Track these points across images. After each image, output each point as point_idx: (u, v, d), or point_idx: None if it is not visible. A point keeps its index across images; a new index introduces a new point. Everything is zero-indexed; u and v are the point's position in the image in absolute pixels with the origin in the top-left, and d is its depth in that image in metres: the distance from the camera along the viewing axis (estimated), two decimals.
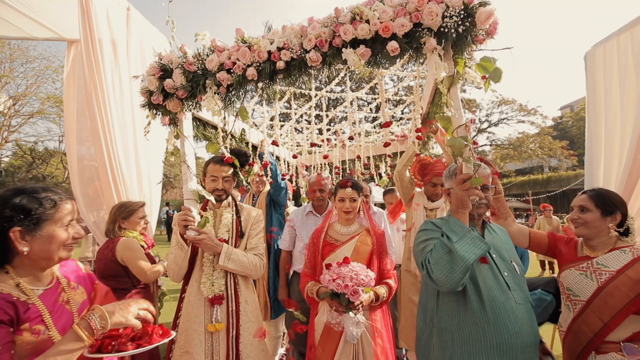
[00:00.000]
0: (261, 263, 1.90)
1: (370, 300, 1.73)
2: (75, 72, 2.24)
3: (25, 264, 1.03)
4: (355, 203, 2.02)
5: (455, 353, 1.34)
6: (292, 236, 2.78)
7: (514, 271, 1.41)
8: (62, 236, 1.06)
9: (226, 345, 1.72)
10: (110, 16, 2.17)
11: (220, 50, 1.69)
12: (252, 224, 1.99)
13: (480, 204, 1.49)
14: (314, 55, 1.52)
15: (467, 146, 1.41)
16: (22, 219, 0.98)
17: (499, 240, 1.51)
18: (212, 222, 1.92)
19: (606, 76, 2.77)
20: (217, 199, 1.93)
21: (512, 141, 20.20)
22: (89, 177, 2.37)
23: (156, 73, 1.77)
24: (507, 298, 1.32)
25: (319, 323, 1.86)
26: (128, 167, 2.45)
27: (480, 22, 1.40)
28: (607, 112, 2.75)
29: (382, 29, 1.43)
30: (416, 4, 1.40)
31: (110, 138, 2.28)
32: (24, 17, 1.76)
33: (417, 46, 1.46)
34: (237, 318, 1.79)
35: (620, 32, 2.66)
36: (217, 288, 1.77)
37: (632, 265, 1.44)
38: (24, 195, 1.02)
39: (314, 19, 1.58)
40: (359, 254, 1.92)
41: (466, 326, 1.34)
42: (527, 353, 1.29)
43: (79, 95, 2.26)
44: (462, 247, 1.24)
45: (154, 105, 1.85)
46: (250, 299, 1.88)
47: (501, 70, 1.52)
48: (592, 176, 2.88)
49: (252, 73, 1.61)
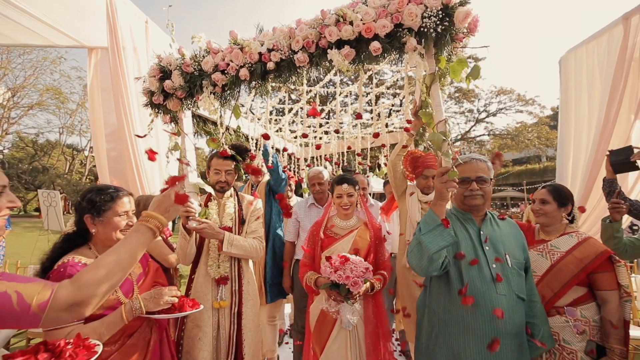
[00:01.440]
0: (261, 245, 2.02)
1: (366, 290, 1.80)
2: (98, 77, 2.39)
3: (98, 242, 1.37)
4: (352, 198, 2.05)
5: (440, 333, 1.44)
6: (296, 227, 2.86)
7: (505, 264, 1.42)
8: (118, 222, 1.35)
9: (229, 320, 1.90)
10: (132, 28, 2.33)
11: (215, 52, 1.74)
12: (251, 211, 2.11)
13: (475, 195, 1.50)
14: (302, 56, 1.56)
15: (445, 141, 1.45)
16: (91, 209, 1.31)
17: (499, 233, 1.51)
18: (217, 211, 2.04)
19: (576, 80, 2.99)
20: (220, 190, 2.05)
21: (510, 131, 19.94)
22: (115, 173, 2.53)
23: (156, 74, 1.83)
24: (488, 288, 1.36)
25: (315, 309, 1.94)
26: (150, 163, 2.57)
27: (459, 22, 1.42)
28: (576, 114, 2.98)
29: (365, 30, 1.46)
30: (396, 5, 1.43)
31: (133, 137, 2.43)
32: (48, 27, 1.89)
33: (398, 46, 1.49)
34: (240, 296, 1.95)
35: (589, 40, 2.86)
36: (223, 270, 1.93)
37: (578, 247, 1.74)
38: (94, 192, 1.35)
39: (301, 21, 1.61)
40: (357, 247, 1.98)
41: (449, 310, 1.42)
42: (504, 340, 1.32)
43: (103, 97, 2.41)
44: (427, 239, 1.32)
45: (155, 105, 1.91)
46: (251, 279, 2.05)
47: (479, 67, 1.55)
48: (562, 169, 3.11)
49: (245, 74, 1.66)
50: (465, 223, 1.53)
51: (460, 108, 20.20)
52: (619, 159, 2.05)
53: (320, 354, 1.85)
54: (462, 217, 1.55)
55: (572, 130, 3.02)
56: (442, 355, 1.41)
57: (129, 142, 2.40)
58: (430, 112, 1.56)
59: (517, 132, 19.87)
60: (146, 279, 1.49)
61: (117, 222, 1.35)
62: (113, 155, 2.50)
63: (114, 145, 2.48)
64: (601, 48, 2.72)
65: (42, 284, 0.83)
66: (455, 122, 19.38)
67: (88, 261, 1.27)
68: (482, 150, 21.18)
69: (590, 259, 1.68)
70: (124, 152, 2.44)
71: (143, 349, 1.33)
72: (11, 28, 1.73)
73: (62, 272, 1.20)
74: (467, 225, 1.52)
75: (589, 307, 1.69)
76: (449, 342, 1.40)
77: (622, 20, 2.54)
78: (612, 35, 2.64)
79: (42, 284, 0.84)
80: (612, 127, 2.52)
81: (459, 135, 20.00)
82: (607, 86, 2.55)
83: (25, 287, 0.80)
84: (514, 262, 1.45)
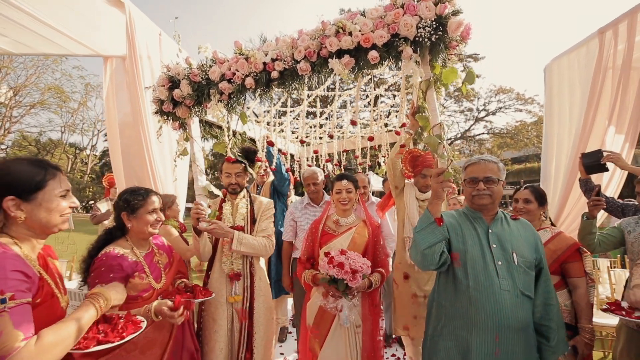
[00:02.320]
0: (270, 243, 2.09)
1: (364, 286, 1.81)
2: (114, 85, 2.51)
3: (133, 235, 1.58)
4: (351, 194, 2.06)
5: (445, 325, 1.50)
6: (293, 227, 2.90)
7: (512, 261, 1.43)
8: (148, 218, 1.56)
9: (242, 314, 2.00)
10: (147, 39, 2.48)
11: (221, 61, 1.81)
12: (262, 211, 2.19)
13: (482, 195, 1.51)
14: (304, 65, 1.63)
15: (440, 143, 1.51)
16: (126, 207, 1.54)
17: (508, 233, 1.51)
18: (231, 211, 2.13)
19: (559, 88, 3.17)
20: (232, 191, 2.15)
21: (509, 130, 19.89)
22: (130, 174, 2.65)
23: (165, 84, 1.90)
24: (492, 284, 1.40)
25: (312, 306, 1.96)
26: (163, 166, 2.71)
27: (452, 31, 1.49)
28: (559, 119, 3.18)
29: (363, 40, 1.53)
30: (393, 16, 1.50)
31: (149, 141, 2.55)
32: (66, 37, 1.98)
33: (395, 54, 1.56)
34: (252, 292, 2.05)
35: (571, 50, 3.06)
36: (236, 267, 2.03)
37: (552, 240, 1.94)
38: (129, 193, 1.59)
39: (303, 31, 1.68)
40: (355, 244, 1.98)
41: (454, 303, 1.48)
42: (505, 333, 1.36)
43: (118, 104, 2.55)
44: (420, 236, 1.40)
45: (165, 112, 1.98)
46: (262, 276, 2.14)
47: (473, 73, 1.61)
48: (546, 170, 3.32)
49: (250, 82, 1.73)
50: (474, 222, 1.55)
51: (460, 107, 20.17)
52: (590, 161, 2.22)
53: (320, 350, 1.86)
54: (472, 215, 1.57)
55: (555, 133, 3.22)
56: (444, 346, 1.47)
57: (145, 146, 2.51)
58: (426, 117, 1.63)
59: (516, 131, 19.80)
60: (172, 268, 1.70)
61: (148, 218, 1.57)
62: (128, 159, 2.60)
63: (129, 148, 2.58)
64: (580, 58, 2.93)
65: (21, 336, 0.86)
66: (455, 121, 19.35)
67: (125, 252, 1.49)
68: (481, 149, 21.14)
69: (562, 250, 1.90)
70: (139, 155, 2.56)
71: (170, 325, 1.55)
72: (32, 38, 1.82)
73: (104, 261, 1.42)
74: (475, 223, 1.54)
75: (561, 293, 1.89)
76: (454, 334, 1.46)
77: (597, 33, 2.71)
78: (589, 47, 2.84)
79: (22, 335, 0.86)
80: (590, 131, 2.72)
81: (459, 133, 19.98)
82: (586, 94, 2.76)
83: (11, 331, 0.85)
84: (521, 260, 1.44)
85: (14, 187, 0.99)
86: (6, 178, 0.99)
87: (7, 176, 1.00)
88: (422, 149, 2.57)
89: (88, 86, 20.73)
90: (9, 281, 0.88)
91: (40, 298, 0.99)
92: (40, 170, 1.04)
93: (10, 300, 0.86)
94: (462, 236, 1.50)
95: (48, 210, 1.03)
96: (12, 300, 0.87)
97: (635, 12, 2.44)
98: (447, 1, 1.48)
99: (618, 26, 2.55)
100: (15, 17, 1.68)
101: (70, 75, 19.20)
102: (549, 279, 1.52)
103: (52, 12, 1.84)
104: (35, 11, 1.75)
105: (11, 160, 1.05)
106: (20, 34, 1.75)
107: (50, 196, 1.04)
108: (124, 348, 1.33)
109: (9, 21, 1.67)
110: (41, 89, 18.48)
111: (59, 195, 1.06)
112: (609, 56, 2.62)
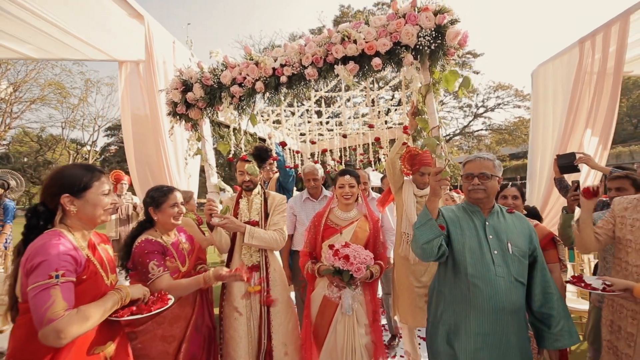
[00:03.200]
0: (281, 236, 2.17)
1: (366, 277, 1.88)
2: (128, 88, 2.64)
3: (160, 226, 1.81)
4: (353, 189, 2.11)
5: (446, 310, 1.62)
6: (292, 221, 2.99)
7: (507, 251, 1.52)
8: (171, 211, 1.79)
9: (260, 303, 2.10)
10: (163, 47, 2.61)
11: (232, 66, 1.90)
12: (275, 206, 2.27)
13: (477, 190, 1.60)
14: (311, 70, 1.72)
15: (439, 145, 1.61)
16: (152, 203, 1.78)
17: (504, 225, 1.60)
18: (247, 206, 2.23)
19: (544, 93, 3.38)
20: (246, 188, 2.23)
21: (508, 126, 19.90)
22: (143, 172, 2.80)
23: (179, 87, 1.99)
24: (488, 271, 1.51)
25: (317, 296, 2.04)
26: (177, 162, 2.83)
27: (450, 40, 1.58)
28: (544, 121, 3.40)
29: (367, 47, 1.62)
30: (395, 26, 1.59)
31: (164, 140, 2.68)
32: (83, 43, 2.09)
33: (397, 61, 1.65)
34: (268, 282, 2.13)
35: (554, 57, 3.26)
36: (255, 259, 2.12)
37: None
38: (154, 190, 1.83)
39: (310, 39, 1.77)
40: (357, 238, 2.04)
41: (454, 289, 1.60)
42: (500, 315, 1.48)
43: (132, 106, 2.68)
44: (419, 232, 1.52)
45: (178, 114, 2.08)
46: (277, 267, 2.22)
47: (469, 79, 1.70)
48: (532, 168, 3.55)
49: (260, 86, 1.83)
50: (472, 215, 1.65)
51: (459, 103, 20.19)
52: (564, 162, 2.40)
53: (324, 338, 1.95)
54: (470, 209, 1.67)
55: (540, 135, 3.44)
56: (444, 330, 1.60)
57: (160, 145, 2.65)
58: (426, 119, 1.72)
59: (515, 127, 19.82)
60: (194, 254, 1.93)
61: (170, 211, 1.79)
62: (141, 156, 2.72)
63: (142, 145, 2.71)
64: (563, 66, 3.16)
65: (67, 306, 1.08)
66: (454, 117, 19.36)
67: (157, 238, 1.77)
68: (479, 145, 21.17)
69: (539, 239, 2.04)
70: (154, 152, 2.70)
71: (192, 303, 1.82)
72: (54, 45, 1.93)
73: (143, 246, 1.70)
74: (474, 216, 1.64)
75: None
76: (453, 318, 1.58)
77: (578, 43, 2.92)
78: (571, 55, 3.05)
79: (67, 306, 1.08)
80: (570, 134, 2.96)
81: (457, 129, 19.99)
82: (567, 99, 2.97)
83: (60, 301, 1.06)
84: (516, 250, 1.53)
85: (69, 187, 1.22)
86: (62, 180, 1.23)
87: (62, 178, 1.24)
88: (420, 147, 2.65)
89: (88, 82, 20.59)
90: (61, 262, 1.09)
91: (86, 275, 1.19)
92: (87, 173, 1.27)
93: (61, 277, 1.08)
94: (460, 228, 1.60)
95: (94, 206, 1.26)
96: (63, 277, 1.08)
97: (609, 25, 2.63)
98: (445, 12, 1.57)
99: (595, 37, 2.74)
100: (42, 26, 1.77)
101: (70, 71, 18.99)
102: (545, 267, 1.60)
103: (76, 22, 1.95)
104: (60, 21, 1.85)
105: (66, 166, 1.31)
106: (43, 42, 1.84)
107: (95, 194, 1.27)
108: (156, 320, 1.65)
109: (36, 30, 1.76)
110: (41, 84, 18.30)
111: (102, 194, 1.28)
112: (587, 65, 2.84)
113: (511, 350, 1.47)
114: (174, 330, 1.71)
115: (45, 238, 1.13)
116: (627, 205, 1.73)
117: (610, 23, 2.61)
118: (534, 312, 1.57)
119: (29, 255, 1.09)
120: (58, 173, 1.25)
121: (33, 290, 1.04)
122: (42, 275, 1.04)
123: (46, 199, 1.23)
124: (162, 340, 1.67)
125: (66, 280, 1.09)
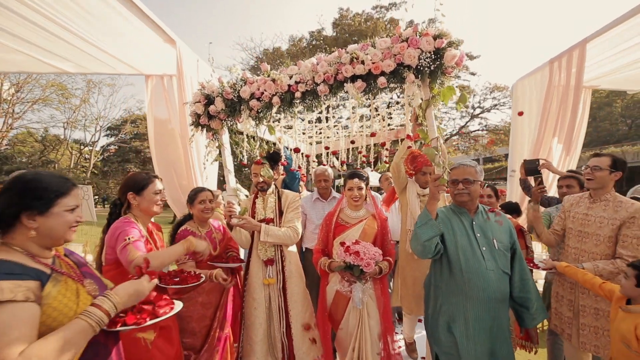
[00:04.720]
0: (294, 233, 2.30)
1: (376, 272, 1.96)
2: (153, 100, 2.88)
3: (196, 219, 2.21)
4: (362, 191, 2.19)
5: (443, 302, 1.79)
6: (302, 220, 3.00)
7: (493, 247, 1.70)
8: (200, 207, 2.16)
9: (277, 294, 2.27)
10: (189, 65, 2.88)
11: (251, 82, 2.08)
12: (289, 204, 2.40)
13: (462, 193, 1.77)
14: (323, 87, 1.90)
15: (437, 154, 1.80)
16: (188, 200, 2.23)
17: (489, 225, 1.76)
18: (263, 205, 2.39)
19: (523, 104, 3.77)
20: (261, 189, 2.39)
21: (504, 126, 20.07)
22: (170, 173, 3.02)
23: (202, 100, 2.17)
24: (480, 265, 1.69)
25: (331, 290, 2.15)
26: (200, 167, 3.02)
27: (448, 61, 1.76)
28: (521, 130, 3.84)
29: (374, 68, 1.80)
30: (399, 49, 1.77)
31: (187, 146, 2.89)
32: (113, 58, 2.26)
33: (400, 79, 1.83)
34: (284, 275, 2.29)
35: (531, 74, 3.64)
36: (270, 253, 2.28)
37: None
38: (191, 191, 2.23)
39: (322, 58, 1.95)
40: (366, 235, 2.13)
41: (450, 283, 1.77)
42: (492, 303, 1.67)
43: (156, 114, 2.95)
44: (420, 230, 1.70)
45: (201, 124, 2.26)
46: (293, 260, 2.36)
47: (466, 95, 1.89)
48: (511, 168, 3.92)
49: (277, 101, 2.01)
50: (460, 216, 1.82)
51: None
52: (530, 166, 2.69)
53: (337, 329, 2.07)
54: (459, 211, 1.84)
55: (518, 141, 3.85)
56: (444, 321, 1.77)
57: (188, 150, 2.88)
58: (426, 131, 1.91)
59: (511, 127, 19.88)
60: (224, 241, 2.32)
61: (199, 207, 2.15)
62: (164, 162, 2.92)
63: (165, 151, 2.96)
64: (537, 82, 3.56)
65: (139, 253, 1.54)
66: (451, 118, 19.53)
67: (193, 228, 2.17)
68: (476, 145, 21.35)
69: None
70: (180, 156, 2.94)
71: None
72: (89, 61, 2.13)
73: (183, 235, 2.10)
74: (462, 217, 1.82)
75: None
76: (451, 309, 1.75)
77: (549, 63, 3.30)
78: (543, 73, 3.43)
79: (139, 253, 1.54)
80: (542, 141, 3.39)
81: (454, 130, 20.16)
82: (539, 113, 3.41)
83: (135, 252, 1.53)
84: (500, 245, 1.71)
85: (133, 187, 1.72)
86: (128, 181, 1.75)
87: (128, 180, 1.75)
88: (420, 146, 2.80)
89: (90, 82, 20.54)
90: (132, 231, 1.60)
91: (145, 250, 1.63)
92: (146, 176, 1.77)
93: (131, 239, 1.56)
94: (451, 229, 1.78)
95: (149, 202, 1.74)
96: (132, 239, 1.57)
97: (571, 50, 3.02)
98: (444, 36, 1.75)
99: (562, 59, 3.14)
100: (83, 46, 1.99)
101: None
102: (522, 258, 1.79)
103: (113, 42, 2.17)
104: (99, 42, 2.05)
105: (132, 173, 1.84)
106: (81, 58, 2.03)
107: (149, 193, 1.74)
108: (196, 291, 2.06)
109: (76, 49, 1.94)
110: (43, 85, 18.25)
111: (153, 192, 1.75)
112: (555, 81, 3.24)
113: (500, 332, 1.67)
114: (211, 298, 2.14)
115: (121, 221, 1.64)
116: (573, 201, 2.10)
117: (572, 49, 3.03)
118: (515, 297, 1.75)
119: (112, 231, 1.60)
120: (127, 177, 1.79)
121: (119, 250, 1.55)
122: (121, 240, 1.56)
123: (120, 196, 1.76)
124: (202, 306, 2.10)
125: (135, 240, 1.57)
